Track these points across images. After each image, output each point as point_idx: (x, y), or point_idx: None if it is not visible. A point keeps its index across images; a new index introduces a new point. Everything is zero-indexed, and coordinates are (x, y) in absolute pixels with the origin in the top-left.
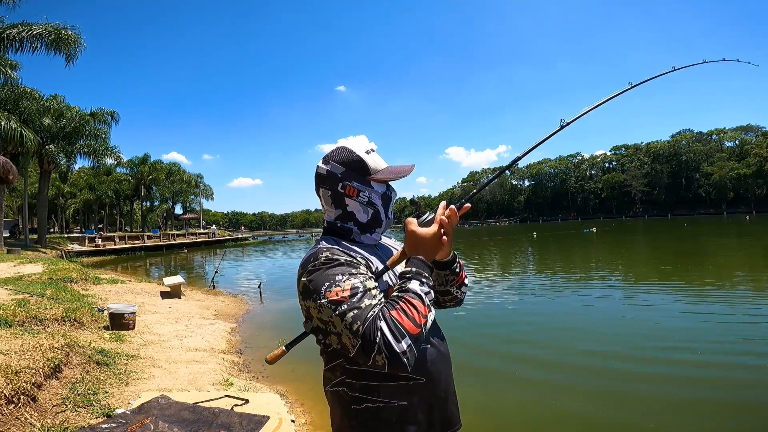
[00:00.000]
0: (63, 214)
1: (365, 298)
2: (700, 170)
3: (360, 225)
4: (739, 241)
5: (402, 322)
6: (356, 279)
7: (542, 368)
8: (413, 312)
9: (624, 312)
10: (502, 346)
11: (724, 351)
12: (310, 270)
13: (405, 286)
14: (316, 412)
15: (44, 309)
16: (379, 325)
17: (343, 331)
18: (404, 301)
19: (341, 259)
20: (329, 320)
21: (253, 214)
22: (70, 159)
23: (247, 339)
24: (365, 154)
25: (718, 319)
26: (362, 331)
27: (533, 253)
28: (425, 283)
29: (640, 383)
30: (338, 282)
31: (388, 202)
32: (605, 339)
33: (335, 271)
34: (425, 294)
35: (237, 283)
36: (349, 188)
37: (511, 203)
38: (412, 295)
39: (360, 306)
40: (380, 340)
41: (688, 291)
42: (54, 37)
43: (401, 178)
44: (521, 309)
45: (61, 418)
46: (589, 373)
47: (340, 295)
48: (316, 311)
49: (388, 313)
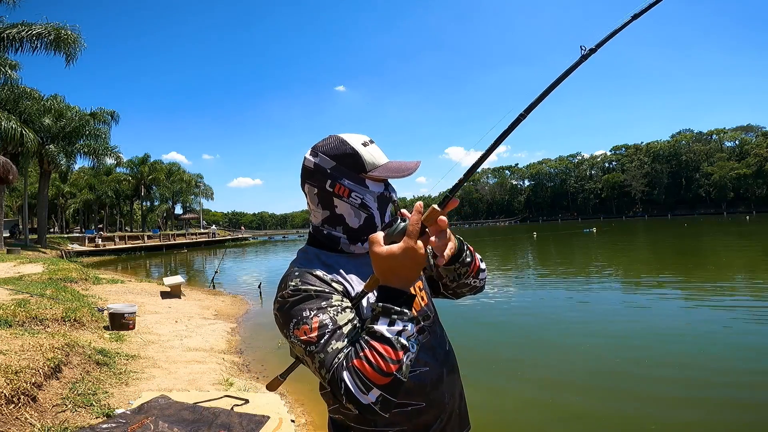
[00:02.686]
0: (63, 214)
1: (332, 339)
2: (700, 170)
3: (350, 232)
4: (740, 242)
5: (366, 373)
6: (325, 315)
7: (543, 367)
8: (378, 360)
9: (625, 311)
10: (502, 345)
11: (724, 351)
12: (279, 301)
13: (371, 329)
14: (316, 412)
15: (44, 309)
16: (342, 376)
17: (315, 372)
18: (369, 347)
19: (311, 289)
20: (303, 357)
21: (253, 214)
22: (70, 159)
23: (247, 339)
24: (361, 147)
25: (720, 319)
26: (328, 378)
27: (534, 253)
28: (397, 321)
29: (642, 383)
30: (305, 319)
31: (385, 204)
32: (607, 338)
33: (302, 307)
34: (397, 334)
35: (237, 283)
36: (340, 187)
37: (511, 203)
38: (378, 339)
39: (327, 350)
40: (344, 391)
41: (688, 291)
42: (54, 37)
43: (403, 177)
44: (521, 308)
45: (61, 418)
46: (591, 371)
47: (308, 334)
48: (291, 345)
49: (351, 362)
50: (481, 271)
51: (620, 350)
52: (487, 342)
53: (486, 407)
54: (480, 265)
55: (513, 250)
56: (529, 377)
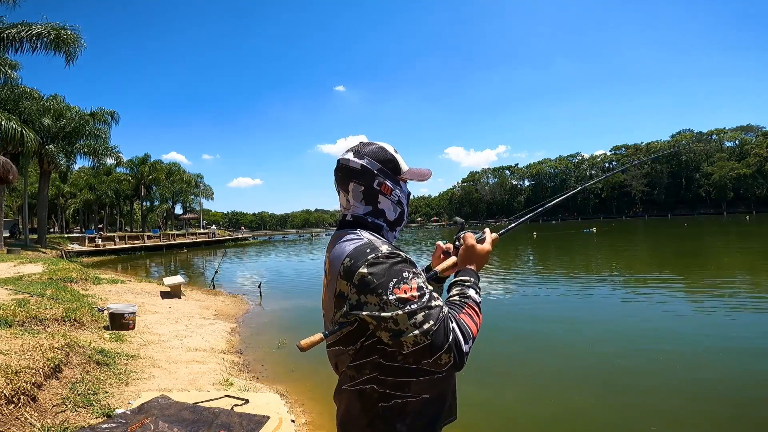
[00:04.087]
0: (63, 214)
1: (433, 298)
2: (700, 170)
3: (388, 223)
4: (740, 242)
5: (469, 326)
6: (420, 279)
7: (542, 366)
8: (475, 318)
9: (625, 311)
10: (502, 344)
11: (725, 351)
12: (372, 262)
13: (466, 293)
14: (316, 412)
15: (44, 309)
16: (452, 326)
17: (409, 328)
18: (468, 307)
19: (403, 255)
20: (391, 317)
21: (253, 214)
22: (70, 159)
23: (247, 339)
24: (396, 154)
25: (720, 319)
26: (434, 330)
27: (534, 253)
28: (479, 293)
29: (642, 382)
30: (405, 279)
31: (407, 201)
32: (607, 337)
33: (401, 267)
34: (480, 302)
35: (237, 283)
36: (385, 186)
37: (511, 203)
38: (472, 302)
39: (430, 305)
40: (452, 341)
41: (689, 290)
42: (54, 37)
43: (424, 181)
44: (521, 308)
45: (61, 418)
46: (590, 370)
47: (409, 293)
48: (376, 307)
49: (458, 315)
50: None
51: (620, 350)
52: (487, 342)
53: (485, 406)
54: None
55: (513, 250)
56: (528, 376)
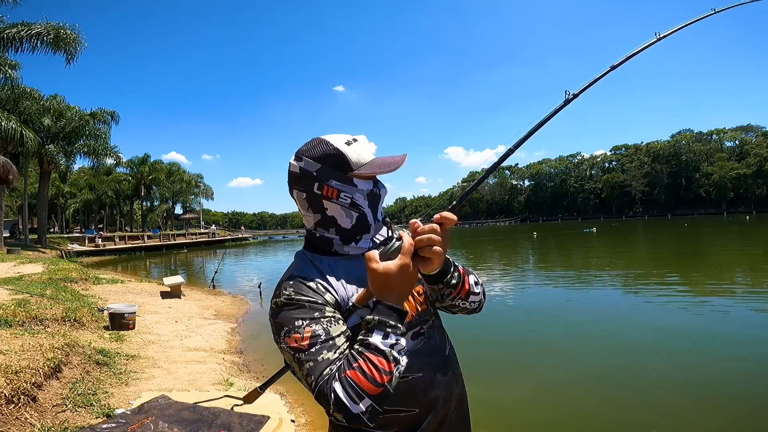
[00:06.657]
0: (63, 214)
1: (324, 349)
2: (700, 170)
3: (343, 233)
4: (740, 242)
5: (359, 383)
6: (317, 325)
7: (543, 366)
8: (372, 371)
9: (625, 310)
10: (502, 344)
11: (726, 350)
12: (273, 308)
13: (366, 340)
14: (316, 412)
15: (44, 309)
16: (333, 386)
17: (303, 378)
18: (363, 358)
19: (303, 299)
20: (291, 363)
21: (253, 214)
22: (69, 159)
23: (247, 339)
24: (345, 146)
25: (721, 318)
26: (316, 387)
27: (534, 253)
28: (390, 334)
29: (643, 382)
30: (297, 328)
31: (376, 201)
32: (608, 337)
33: (295, 315)
34: (390, 347)
35: (237, 283)
36: (327, 188)
37: (511, 203)
38: (372, 350)
39: (317, 359)
40: (334, 401)
41: (689, 290)
42: (53, 37)
43: (391, 172)
44: (521, 307)
45: (61, 418)
46: (591, 370)
47: (299, 342)
48: (281, 351)
49: (344, 373)
50: (472, 294)
51: (621, 349)
52: (487, 341)
53: (486, 406)
54: (472, 288)
55: (513, 250)
56: (529, 376)
